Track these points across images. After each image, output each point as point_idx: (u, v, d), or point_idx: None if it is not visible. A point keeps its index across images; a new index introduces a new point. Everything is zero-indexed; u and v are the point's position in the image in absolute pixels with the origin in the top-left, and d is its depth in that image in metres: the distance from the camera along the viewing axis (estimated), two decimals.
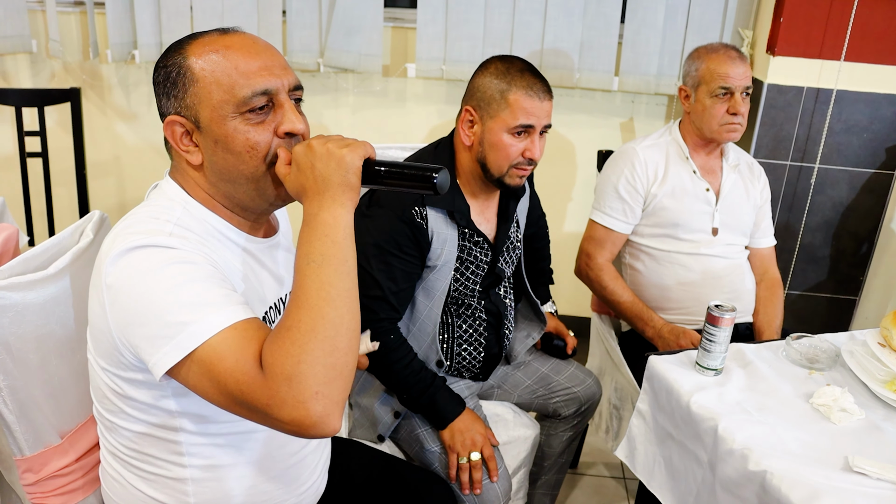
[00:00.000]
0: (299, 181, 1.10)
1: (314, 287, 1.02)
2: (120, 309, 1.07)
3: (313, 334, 0.99)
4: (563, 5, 2.90)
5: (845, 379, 1.71)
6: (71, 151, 2.87)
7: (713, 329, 1.64)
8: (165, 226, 1.12)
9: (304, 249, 1.06)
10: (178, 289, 1.04)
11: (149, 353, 1.05)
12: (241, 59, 1.13)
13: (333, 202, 1.08)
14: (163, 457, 1.22)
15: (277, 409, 0.98)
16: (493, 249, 1.87)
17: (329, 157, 1.08)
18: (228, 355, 1.01)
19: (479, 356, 1.94)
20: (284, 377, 0.97)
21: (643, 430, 1.77)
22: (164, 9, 3.01)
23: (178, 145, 1.17)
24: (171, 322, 1.02)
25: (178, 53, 1.15)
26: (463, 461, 1.76)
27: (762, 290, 2.32)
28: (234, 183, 1.17)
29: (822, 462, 1.41)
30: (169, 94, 1.15)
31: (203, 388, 1.04)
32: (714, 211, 2.22)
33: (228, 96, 1.12)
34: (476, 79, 1.77)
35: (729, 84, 2.10)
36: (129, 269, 1.06)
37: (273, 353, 0.99)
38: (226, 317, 1.03)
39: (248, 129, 1.13)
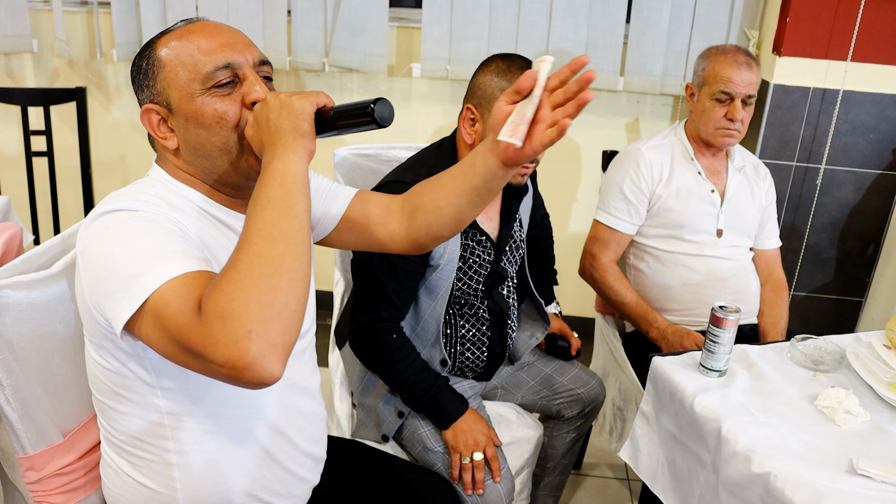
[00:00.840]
0: (258, 137, 1.14)
1: (255, 228, 1.02)
2: (88, 272, 1.11)
3: (249, 272, 0.97)
4: (568, 5, 2.90)
5: (850, 381, 1.70)
6: (76, 150, 2.88)
7: (717, 330, 1.63)
8: (139, 195, 1.17)
9: (255, 195, 1.07)
10: (136, 242, 1.07)
11: (111, 308, 1.06)
12: (202, 40, 1.18)
13: (285, 149, 1.09)
14: (150, 441, 1.24)
15: (212, 350, 0.95)
16: (496, 248, 1.87)
17: (281, 107, 1.11)
18: (172, 301, 1.00)
19: (482, 356, 1.93)
20: (217, 315, 0.95)
21: (646, 431, 1.77)
22: (170, 8, 3.03)
23: (156, 132, 1.22)
24: (128, 274, 1.04)
25: (147, 48, 1.22)
26: (466, 461, 1.75)
27: (767, 292, 2.31)
28: (210, 157, 1.21)
29: (826, 464, 1.40)
30: (142, 85, 1.21)
31: (154, 339, 1.04)
32: (719, 212, 2.22)
33: (193, 74, 1.17)
34: (477, 77, 1.76)
35: (730, 89, 2.09)
36: (96, 231, 1.11)
37: (209, 293, 0.98)
38: (176, 267, 1.04)
39: (216, 101, 1.17)
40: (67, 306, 1.33)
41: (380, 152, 2.13)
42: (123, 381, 1.20)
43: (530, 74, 1.13)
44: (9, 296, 1.23)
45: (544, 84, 1.12)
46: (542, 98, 1.13)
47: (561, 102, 1.12)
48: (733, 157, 2.27)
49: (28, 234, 2.28)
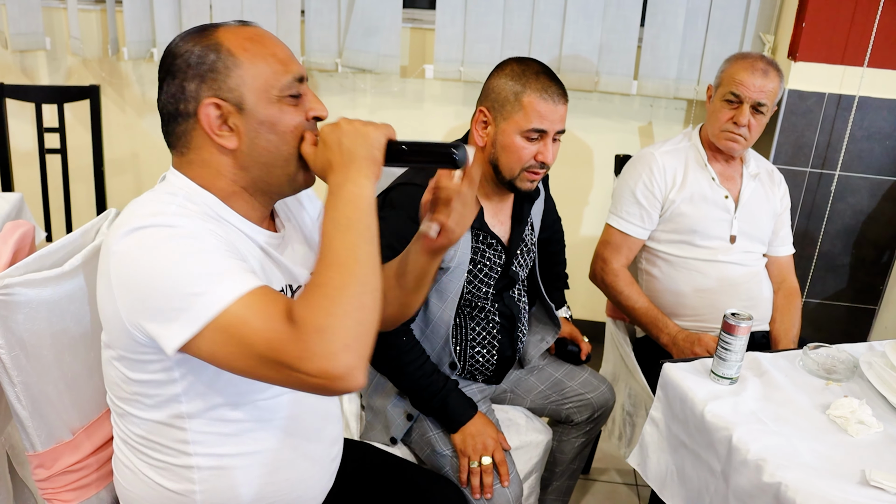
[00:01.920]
0: (326, 157, 1.16)
1: (342, 248, 1.08)
2: (127, 290, 1.09)
3: (343, 289, 1.04)
4: (582, 8, 2.89)
5: (863, 390, 1.68)
6: (89, 148, 2.89)
7: (729, 337, 1.62)
8: (168, 207, 1.14)
9: (331, 215, 1.11)
10: (186, 260, 1.07)
11: (161, 328, 1.07)
12: (275, 47, 1.18)
13: (359, 174, 1.13)
14: (171, 445, 1.23)
15: (308, 362, 1.01)
16: (507, 252, 1.86)
17: (356, 134, 1.15)
18: (253, 317, 1.04)
19: (492, 359, 1.93)
20: (316, 329, 1.01)
21: (656, 437, 1.76)
22: (185, 7, 3.03)
23: (213, 130, 1.17)
24: (182, 294, 1.05)
25: (208, 38, 1.16)
26: (474, 465, 1.74)
27: (779, 299, 2.29)
28: (270, 166, 1.20)
29: (838, 475, 1.39)
30: (204, 77, 1.15)
31: (222, 355, 1.07)
32: (732, 218, 2.20)
33: (274, 80, 1.16)
34: (491, 80, 1.76)
35: (739, 92, 2.08)
36: (134, 248, 1.08)
37: (304, 307, 1.03)
38: (240, 284, 1.06)
39: (291, 111, 1.19)
40: (79, 304, 1.33)
41: None
42: (148, 390, 1.19)
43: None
44: (21, 293, 1.23)
45: (461, 174, 1.25)
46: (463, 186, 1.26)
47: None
48: (748, 164, 2.26)
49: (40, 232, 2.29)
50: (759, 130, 2.15)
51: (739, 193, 2.22)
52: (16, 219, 2.10)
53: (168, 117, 1.20)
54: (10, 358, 1.24)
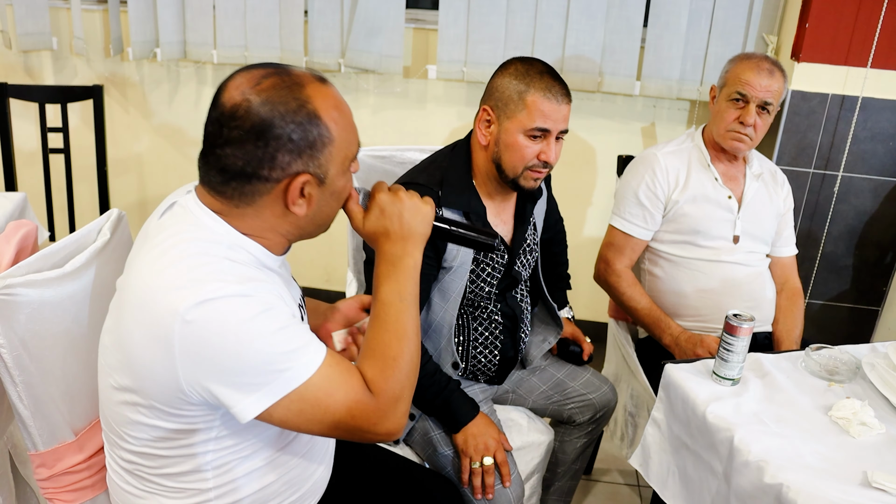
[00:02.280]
0: (383, 224, 1.26)
1: (410, 323, 1.23)
2: (201, 358, 1.09)
3: (412, 364, 1.22)
4: (585, 8, 2.88)
5: (865, 392, 1.68)
6: (93, 148, 2.90)
7: (731, 338, 1.62)
8: (222, 263, 1.12)
9: (395, 287, 1.24)
10: (268, 339, 1.10)
11: (235, 398, 1.11)
12: (349, 115, 1.20)
13: (415, 248, 1.26)
14: (188, 473, 1.23)
15: (381, 426, 1.18)
16: (510, 252, 1.86)
17: (416, 211, 1.26)
18: (336, 389, 1.15)
19: (494, 359, 1.93)
20: (394, 399, 1.18)
21: (658, 438, 1.76)
22: (188, 7, 3.03)
23: (293, 200, 1.17)
24: (266, 370, 1.10)
25: (305, 108, 1.13)
26: (476, 465, 1.74)
27: (782, 300, 2.29)
28: (322, 226, 1.27)
29: (839, 477, 1.39)
30: (301, 152, 1.13)
31: (295, 422, 1.15)
32: (736, 219, 2.20)
33: (349, 153, 1.21)
34: (495, 79, 1.76)
35: (745, 91, 2.07)
36: (215, 321, 1.08)
37: (385, 380, 1.18)
38: (315, 355, 1.14)
39: (348, 178, 1.24)
40: (81, 305, 1.34)
41: (394, 154, 2.13)
42: (176, 435, 1.19)
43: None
44: (23, 293, 1.24)
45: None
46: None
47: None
48: (751, 164, 2.25)
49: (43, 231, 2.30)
50: (765, 130, 2.15)
51: (742, 194, 2.22)
52: (19, 218, 2.11)
53: (238, 174, 1.14)
54: (11, 358, 1.24)
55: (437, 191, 1.74)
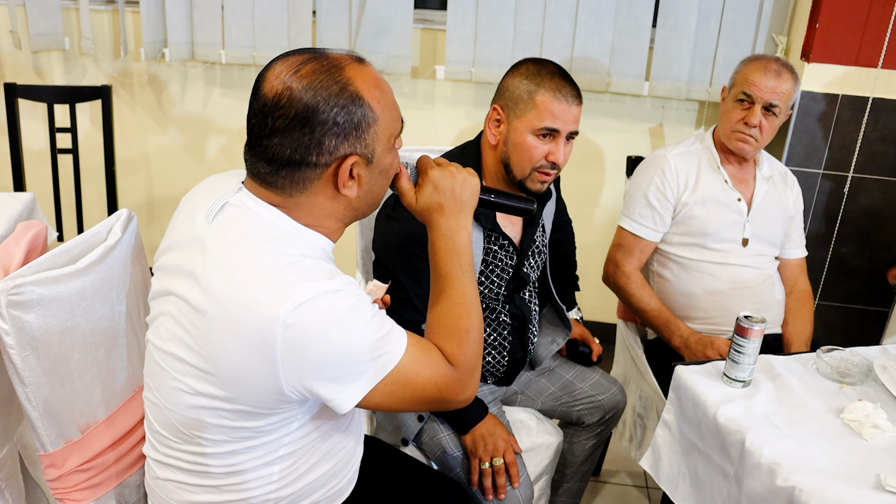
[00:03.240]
0: (437, 200, 1.29)
1: (474, 293, 1.29)
2: (305, 361, 1.11)
3: (481, 332, 1.29)
4: (594, 9, 2.88)
5: (878, 394, 1.67)
6: (101, 149, 2.90)
7: (742, 340, 1.61)
8: (304, 262, 1.14)
9: (456, 261, 1.29)
10: (361, 331, 1.13)
11: (336, 391, 1.14)
12: (390, 93, 1.21)
13: (468, 220, 1.31)
14: (258, 469, 1.25)
15: (463, 394, 1.26)
16: (519, 253, 1.86)
17: (465, 184, 1.30)
18: (423, 367, 1.21)
19: (503, 360, 1.92)
20: (472, 368, 1.26)
21: (668, 440, 1.75)
22: (196, 8, 3.04)
23: (344, 182, 1.17)
24: (362, 361, 1.14)
25: (347, 90, 1.13)
26: (485, 466, 1.74)
27: (792, 302, 2.28)
28: (374, 205, 1.28)
29: (852, 480, 1.38)
30: (348, 135, 1.14)
31: (389, 402, 1.20)
32: (745, 221, 2.19)
33: (393, 130, 1.22)
34: (506, 79, 1.76)
35: (751, 92, 2.07)
36: (315, 320, 1.10)
37: (463, 351, 1.25)
38: (401, 339, 1.19)
39: (394, 154, 1.25)
40: (90, 302, 1.34)
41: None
42: (260, 437, 1.21)
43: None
44: (32, 291, 1.23)
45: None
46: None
47: None
48: (761, 166, 2.24)
49: (52, 232, 2.30)
50: (772, 132, 2.13)
51: (752, 196, 2.21)
52: (28, 219, 2.11)
53: (287, 163, 1.15)
54: (21, 358, 1.24)
55: None
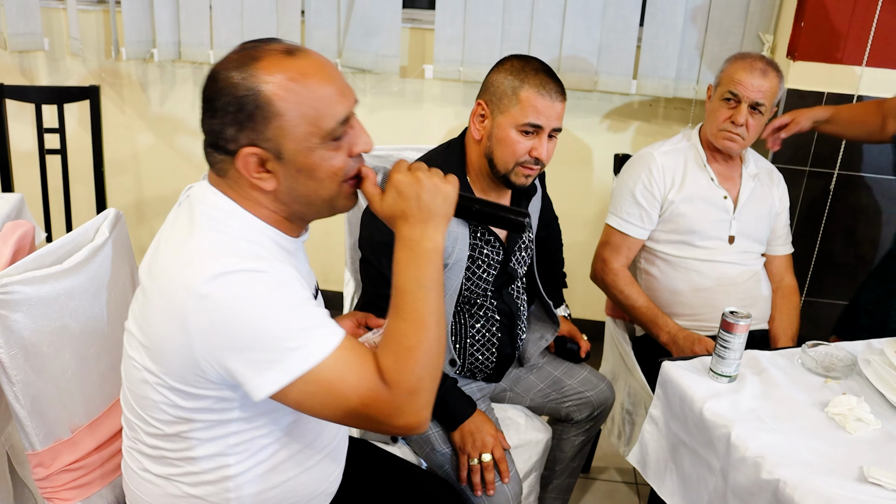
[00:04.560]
0: (400, 206, 1.18)
1: (429, 311, 1.15)
2: (215, 333, 1.08)
3: (430, 355, 1.14)
4: (581, 8, 2.89)
5: (862, 388, 1.69)
6: (89, 149, 2.89)
7: (728, 336, 1.62)
8: (237, 242, 1.13)
9: (413, 274, 1.17)
10: (281, 315, 1.09)
11: (249, 375, 1.09)
12: (320, 88, 1.13)
13: (436, 231, 1.19)
14: (211, 458, 1.23)
15: (396, 419, 1.13)
16: (505, 249, 1.87)
17: (436, 191, 1.19)
18: (350, 374, 1.11)
19: (492, 357, 1.93)
20: (408, 391, 1.12)
21: (655, 436, 1.76)
22: (184, 8, 3.04)
23: (251, 175, 1.15)
24: (279, 347, 1.08)
25: (247, 79, 1.11)
26: (474, 462, 1.75)
27: (778, 298, 2.30)
28: (311, 205, 1.21)
29: (836, 472, 1.39)
30: (242, 125, 1.12)
31: (310, 405, 1.13)
32: (731, 219, 2.21)
33: (315, 129, 1.13)
34: (491, 74, 1.78)
35: (738, 91, 2.08)
36: (227, 294, 1.08)
37: (399, 371, 1.12)
38: (330, 338, 1.12)
39: (332, 156, 1.16)
40: (78, 302, 1.34)
41: (391, 153, 2.13)
42: (198, 416, 1.19)
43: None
44: (20, 291, 1.24)
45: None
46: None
47: None
48: (747, 164, 2.26)
49: (40, 232, 2.30)
50: (758, 131, 2.15)
51: (738, 194, 2.23)
52: (16, 219, 2.11)
53: (208, 144, 1.17)
54: (8, 357, 1.25)
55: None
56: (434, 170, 1.21)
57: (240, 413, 1.19)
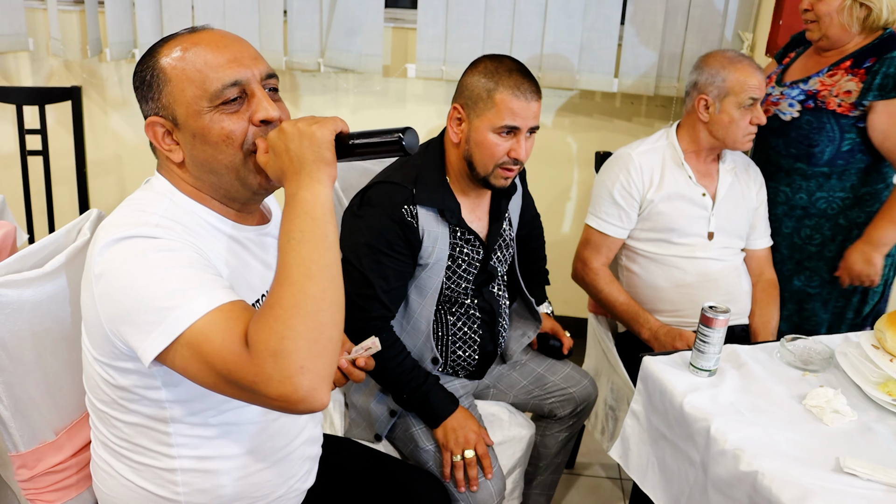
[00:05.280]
0: (277, 165, 1.13)
1: (295, 263, 1.04)
2: (109, 299, 1.09)
3: (296, 310, 1.00)
4: (563, 7, 2.92)
5: (839, 380, 1.71)
6: (72, 150, 2.89)
7: (707, 330, 1.64)
8: (151, 217, 1.15)
9: (286, 228, 1.08)
10: (162, 275, 1.07)
11: (138, 339, 1.07)
12: (209, 54, 1.17)
13: (311, 179, 1.10)
14: (153, 448, 1.24)
15: (265, 386, 0.99)
16: (485, 247, 1.88)
17: (301, 137, 1.10)
18: (215, 336, 1.03)
19: (474, 354, 1.95)
20: (269, 353, 0.99)
21: (637, 430, 1.78)
22: (166, 8, 3.03)
23: (161, 145, 1.21)
24: (157, 308, 1.05)
25: (150, 57, 1.20)
26: (457, 459, 1.76)
27: (758, 292, 2.32)
28: (217, 174, 1.20)
29: (813, 463, 1.41)
30: (146, 97, 1.20)
31: (192, 371, 1.06)
32: (710, 215, 2.23)
33: (201, 91, 1.16)
34: (465, 77, 1.78)
35: (757, 95, 2.11)
36: (116, 258, 1.09)
37: (257, 330, 1.01)
38: (210, 299, 1.06)
39: (223, 119, 1.16)
40: (61, 305, 1.34)
41: None
42: (131, 395, 1.20)
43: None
44: (2, 294, 1.24)
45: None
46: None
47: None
48: (724, 159, 2.29)
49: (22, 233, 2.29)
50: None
51: (716, 190, 2.26)
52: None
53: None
54: None
55: (412, 188, 1.76)
56: (306, 116, 1.15)
57: (167, 395, 1.19)
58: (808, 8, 2.20)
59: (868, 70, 2.16)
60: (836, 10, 2.15)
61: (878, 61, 2.15)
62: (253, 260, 1.29)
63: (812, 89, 2.25)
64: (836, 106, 2.21)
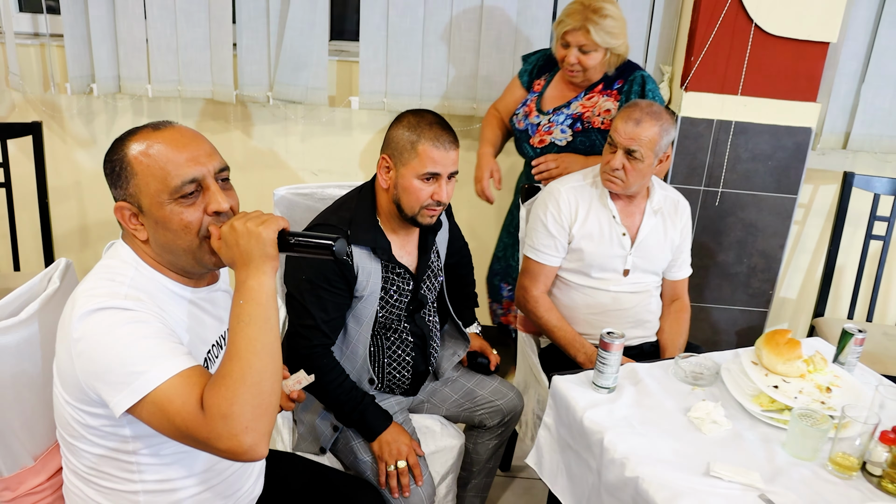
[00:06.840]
0: (229, 255, 1.35)
1: (243, 343, 1.28)
2: (86, 360, 1.29)
3: (242, 381, 1.24)
4: (494, 42, 3.15)
5: (722, 394, 1.94)
6: (33, 177, 2.97)
7: (605, 353, 1.87)
8: (121, 288, 1.34)
9: (235, 311, 1.31)
10: (134, 344, 1.27)
11: (110, 395, 1.27)
12: (171, 153, 1.36)
13: (257, 271, 1.32)
14: (118, 474, 1.43)
15: (216, 441, 1.23)
16: (415, 278, 2.09)
17: (249, 235, 1.32)
18: (176, 398, 1.25)
19: (407, 374, 2.16)
20: (220, 416, 1.22)
21: (549, 440, 2.00)
22: (122, 43, 3.17)
23: (128, 225, 1.40)
24: (129, 371, 1.25)
25: (119, 149, 1.38)
26: (391, 468, 1.98)
27: (670, 312, 2.49)
28: (175, 254, 1.41)
29: (687, 468, 1.64)
30: (116, 184, 1.39)
31: (155, 424, 1.28)
32: (627, 254, 2.36)
33: (163, 186, 1.35)
34: (391, 130, 1.99)
35: (614, 137, 2.23)
36: (94, 328, 1.28)
37: (211, 396, 1.24)
38: (173, 366, 1.27)
39: (182, 211, 1.36)
40: (35, 348, 1.52)
41: (315, 191, 2.33)
42: (98, 432, 1.38)
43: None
44: None
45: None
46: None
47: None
48: (653, 198, 2.38)
49: None
50: (639, 174, 2.25)
51: (638, 231, 2.37)
52: None
53: None
54: None
55: (346, 230, 1.96)
56: (255, 214, 1.35)
57: (130, 432, 1.37)
58: (576, 61, 2.60)
59: (620, 90, 2.68)
60: (600, 64, 2.63)
61: (625, 82, 2.68)
62: (206, 316, 1.50)
63: (576, 112, 2.64)
64: (599, 124, 2.64)
